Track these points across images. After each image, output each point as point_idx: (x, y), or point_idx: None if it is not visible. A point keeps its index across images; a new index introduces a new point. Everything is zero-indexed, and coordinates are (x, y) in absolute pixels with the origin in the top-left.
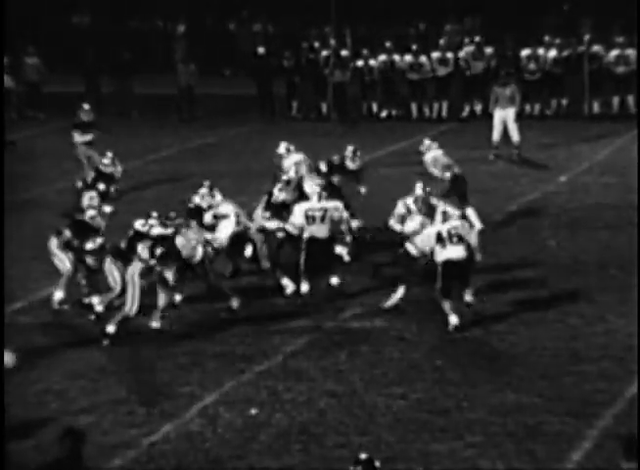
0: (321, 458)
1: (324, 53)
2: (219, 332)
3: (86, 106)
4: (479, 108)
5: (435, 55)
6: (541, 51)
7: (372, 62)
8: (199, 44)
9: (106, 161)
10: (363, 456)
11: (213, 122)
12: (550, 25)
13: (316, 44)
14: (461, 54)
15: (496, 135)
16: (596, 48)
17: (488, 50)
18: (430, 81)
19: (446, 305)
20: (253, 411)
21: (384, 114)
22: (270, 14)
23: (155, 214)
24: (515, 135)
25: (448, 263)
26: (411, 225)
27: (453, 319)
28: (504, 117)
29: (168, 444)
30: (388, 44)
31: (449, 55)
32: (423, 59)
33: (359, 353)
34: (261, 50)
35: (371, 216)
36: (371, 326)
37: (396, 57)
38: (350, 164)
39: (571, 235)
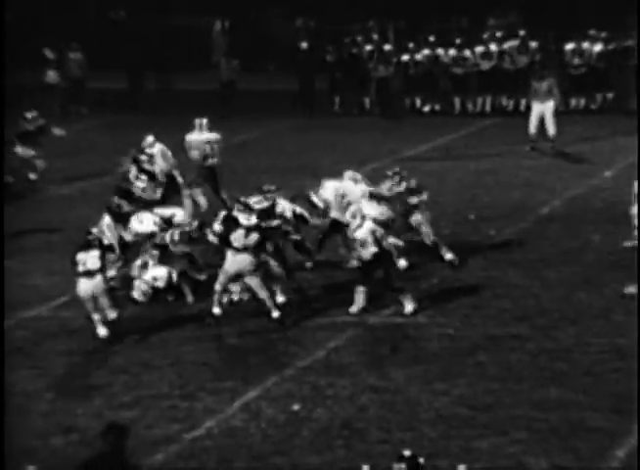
0: (363, 454)
1: (367, 48)
2: (262, 327)
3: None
4: (522, 102)
5: (479, 49)
6: (586, 45)
7: (416, 56)
8: (241, 39)
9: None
10: (407, 453)
11: (255, 118)
12: (595, 19)
13: (359, 39)
14: (504, 48)
15: (532, 128)
16: None
17: (533, 44)
18: (473, 75)
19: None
20: (296, 407)
21: (426, 108)
22: (313, 8)
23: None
24: (551, 129)
25: None
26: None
27: None
28: (541, 110)
29: (211, 439)
30: (431, 38)
31: (493, 48)
32: (467, 53)
33: (402, 349)
34: (304, 45)
35: None
36: (414, 322)
37: (440, 51)
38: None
39: (615, 230)
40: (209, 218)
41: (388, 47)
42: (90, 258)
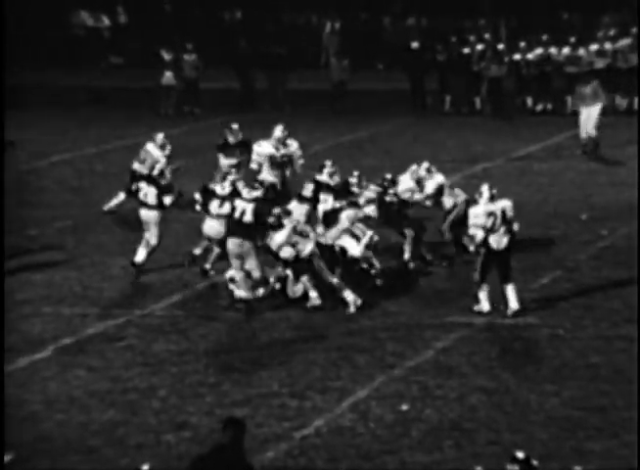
0: (472, 455)
1: (479, 47)
2: (370, 327)
3: (235, 125)
4: (636, 101)
5: (593, 47)
6: None
7: (529, 55)
8: (352, 39)
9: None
10: (520, 455)
11: (366, 117)
12: None
13: (471, 38)
14: (617, 46)
15: (583, 133)
16: None
17: None
18: (587, 74)
19: None
20: (404, 407)
21: (539, 108)
22: (424, 8)
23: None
24: (592, 131)
25: None
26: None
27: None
28: (589, 114)
29: (320, 438)
30: (544, 37)
31: (607, 47)
32: (581, 51)
33: (511, 350)
34: (415, 44)
35: (527, 212)
36: (524, 322)
37: (553, 50)
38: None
39: None
40: None
41: (500, 46)
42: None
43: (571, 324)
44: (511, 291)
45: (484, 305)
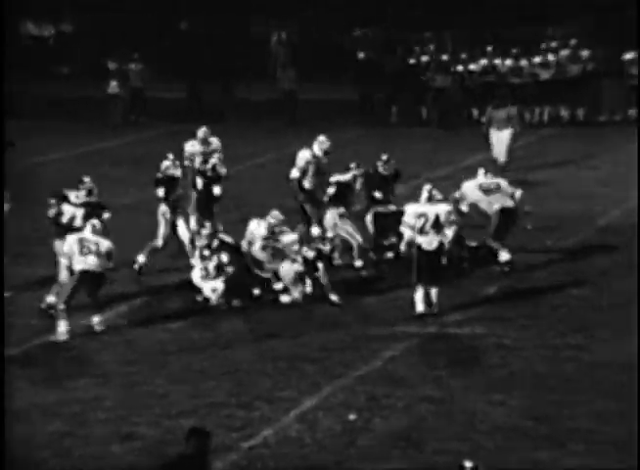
0: (420, 464)
1: (424, 58)
2: (318, 336)
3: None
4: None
5: (537, 59)
6: None
7: (471, 66)
8: (300, 49)
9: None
10: (468, 464)
11: (314, 128)
12: None
13: (417, 49)
14: (559, 58)
15: (498, 156)
16: None
17: (584, 53)
18: (531, 85)
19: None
20: (352, 417)
21: (484, 119)
22: (371, 19)
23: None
24: (502, 156)
25: None
26: None
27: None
28: (500, 138)
29: (268, 448)
30: (488, 49)
31: (551, 58)
32: (523, 62)
33: (458, 359)
34: (362, 55)
35: (472, 222)
36: (471, 332)
37: (497, 61)
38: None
39: None
40: None
41: (445, 57)
42: None
43: (517, 334)
44: (434, 294)
45: (419, 307)
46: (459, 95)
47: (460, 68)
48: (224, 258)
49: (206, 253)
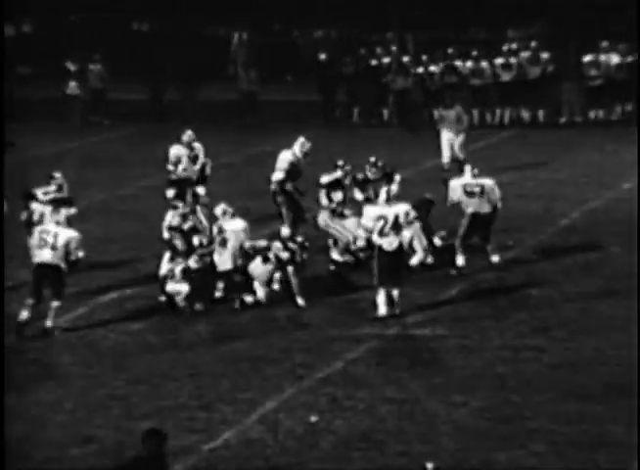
0: (382, 466)
1: (386, 59)
2: (279, 338)
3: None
4: (541, 114)
5: (499, 61)
6: (603, 57)
7: (432, 68)
8: (261, 50)
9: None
10: (430, 466)
11: (275, 129)
12: (614, 31)
13: (378, 50)
14: (520, 59)
15: (445, 157)
16: None
17: (545, 55)
18: (492, 87)
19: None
20: (314, 418)
21: None
22: (333, 20)
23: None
24: (458, 154)
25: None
26: None
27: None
28: (451, 138)
29: (229, 450)
30: (449, 50)
31: (512, 60)
32: (483, 64)
33: (420, 361)
34: (323, 56)
35: (434, 223)
36: (432, 334)
37: (458, 63)
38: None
39: (634, 242)
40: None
41: (406, 59)
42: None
43: (478, 335)
44: (396, 296)
45: (381, 310)
46: (420, 97)
47: (421, 69)
48: (192, 264)
49: (176, 256)
